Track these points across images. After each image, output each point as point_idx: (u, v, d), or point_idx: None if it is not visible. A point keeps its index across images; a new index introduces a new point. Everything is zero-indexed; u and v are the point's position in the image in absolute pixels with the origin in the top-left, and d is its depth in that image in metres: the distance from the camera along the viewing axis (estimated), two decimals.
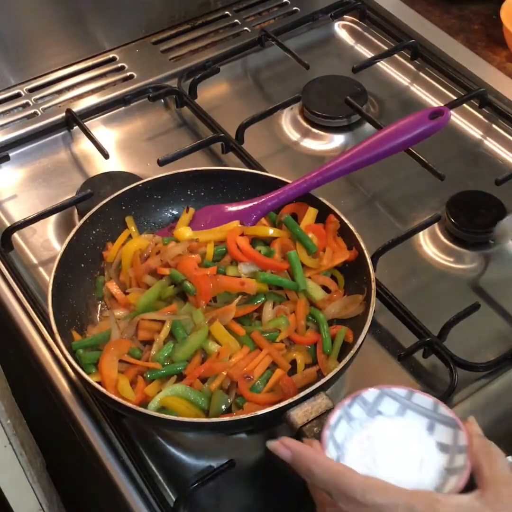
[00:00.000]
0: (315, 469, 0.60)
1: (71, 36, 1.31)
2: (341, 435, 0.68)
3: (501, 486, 0.59)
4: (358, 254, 0.90)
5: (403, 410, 0.70)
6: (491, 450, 0.63)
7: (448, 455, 0.65)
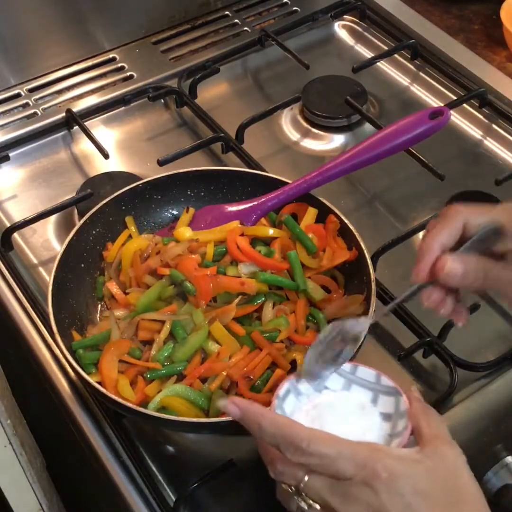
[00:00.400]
0: (263, 422, 0.61)
1: (71, 36, 1.31)
2: (289, 407, 0.70)
3: (439, 441, 0.63)
4: (358, 254, 0.90)
5: (348, 385, 0.72)
6: (429, 411, 0.66)
7: (391, 423, 0.67)
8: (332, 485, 0.60)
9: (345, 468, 0.59)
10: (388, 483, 0.58)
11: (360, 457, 0.59)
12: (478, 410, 0.88)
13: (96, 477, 0.87)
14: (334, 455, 0.59)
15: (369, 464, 0.59)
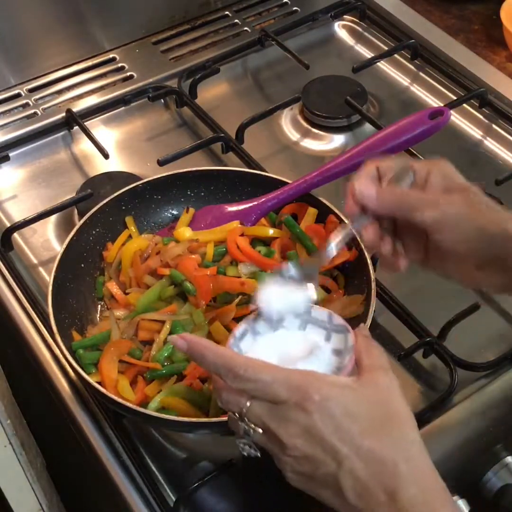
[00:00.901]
0: (206, 354, 0.65)
1: (71, 36, 1.31)
2: (246, 346, 0.73)
3: (374, 369, 0.66)
4: (358, 254, 0.90)
5: (304, 325, 0.75)
6: (372, 344, 0.69)
7: (340, 357, 0.71)
8: (270, 409, 0.63)
9: (279, 392, 0.62)
10: (320, 405, 0.61)
11: (293, 381, 0.62)
12: (478, 410, 0.88)
13: (96, 477, 0.87)
14: (268, 380, 0.62)
15: (301, 387, 0.62)
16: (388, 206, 0.73)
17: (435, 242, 0.73)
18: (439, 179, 0.73)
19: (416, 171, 0.74)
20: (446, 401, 0.88)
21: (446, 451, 0.85)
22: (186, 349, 0.67)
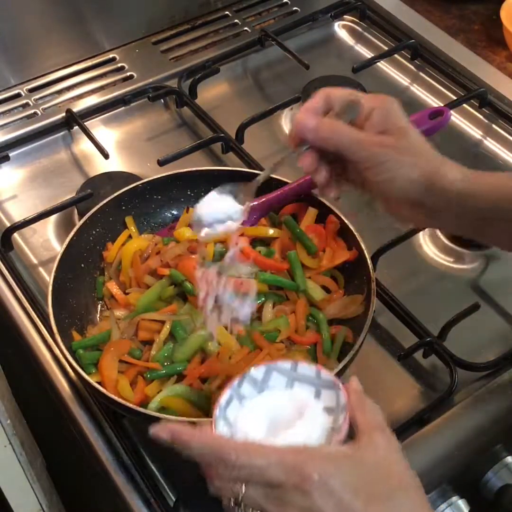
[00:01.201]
0: (192, 443, 0.62)
1: (71, 36, 1.31)
2: (233, 414, 0.70)
3: (372, 430, 0.63)
4: (358, 254, 0.90)
5: (291, 382, 0.72)
6: (364, 401, 0.66)
7: (333, 416, 0.68)
8: (267, 493, 0.60)
9: (275, 476, 0.60)
10: (318, 483, 0.59)
11: (288, 462, 0.60)
12: (478, 410, 0.88)
13: (96, 477, 0.87)
14: (263, 465, 0.60)
15: (297, 468, 0.59)
16: (324, 140, 0.73)
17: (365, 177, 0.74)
18: (379, 118, 0.73)
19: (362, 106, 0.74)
20: (446, 401, 0.88)
21: (446, 451, 0.85)
22: (169, 441, 0.64)
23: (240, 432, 0.67)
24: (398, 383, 0.92)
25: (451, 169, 0.73)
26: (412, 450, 0.84)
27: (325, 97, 0.75)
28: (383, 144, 0.72)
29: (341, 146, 0.72)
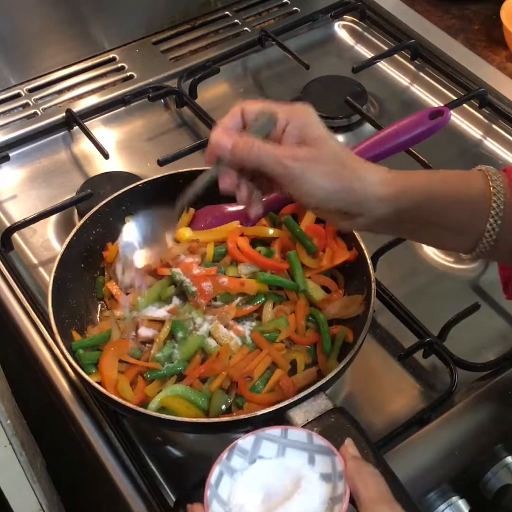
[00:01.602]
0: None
1: (71, 36, 1.31)
2: (226, 490, 0.67)
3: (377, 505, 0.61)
4: (358, 254, 0.90)
5: (283, 450, 0.69)
6: (364, 470, 0.63)
7: (331, 484, 0.65)
8: None
9: None
10: None
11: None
12: (478, 410, 0.88)
13: (96, 477, 0.87)
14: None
15: None
16: (240, 158, 0.71)
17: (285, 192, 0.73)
18: (296, 130, 0.71)
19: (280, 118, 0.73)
20: (446, 401, 0.88)
21: (446, 451, 0.85)
22: None
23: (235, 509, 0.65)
24: (398, 383, 0.92)
25: (371, 173, 0.71)
26: (412, 450, 0.84)
27: (240, 112, 0.74)
28: (297, 157, 0.70)
29: (257, 164, 0.71)
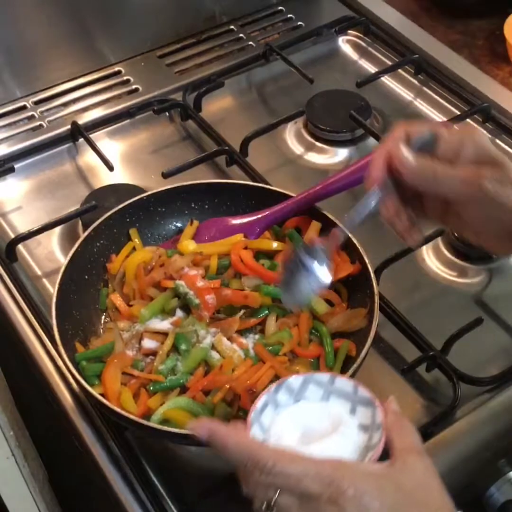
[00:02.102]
0: (228, 443, 0.63)
1: (77, 49, 1.32)
2: (267, 419, 0.70)
3: (409, 454, 0.63)
4: (361, 267, 0.91)
5: (327, 395, 0.71)
6: (402, 423, 0.66)
7: (368, 434, 0.67)
8: (301, 502, 0.60)
9: (311, 487, 0.59)
10: (355, 500, 0.58)
11: (325, 476, 0.59)
12: (481, 425, 0.88)
13: (98, 490, 0.87)
14: (299, 474, 0.60)
15: (334, 481, 0.59)
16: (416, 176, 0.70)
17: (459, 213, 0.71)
18: (471, 152, 0.70)
19: (447, 141, 0.71)
20: (449, 416, 0.88)
21: (449, 466, 0.85)
22: (206, 439, 0.64)
23: (273, 438, 0.67)
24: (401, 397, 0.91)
25: None
26: None
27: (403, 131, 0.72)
28: (482, 178, 0.68)
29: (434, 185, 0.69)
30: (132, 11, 1.34)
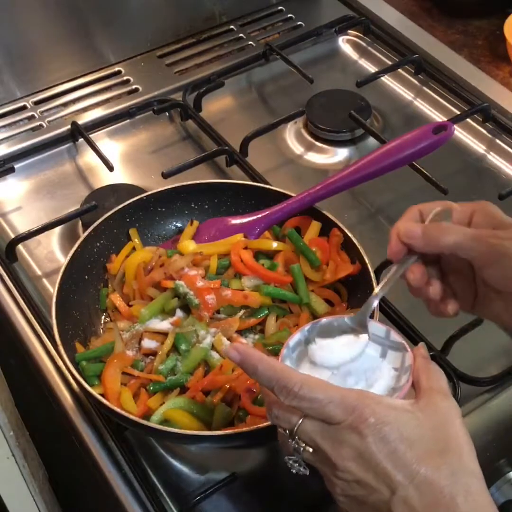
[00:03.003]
0: (259, 366, 0.64)
1: (77, 49, 1.32)
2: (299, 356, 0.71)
3: (434, 393, 0.63)
4: (361, 267, 0.91)
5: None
6: (431, 366, 0.67)
7: (396, 377, 0.68)
8: (323, 429, 0.61)
9: (334, 413, 0.60)
10: (375, 428, 0.59)
11: (349, 402, 0.61)
12: (481, 425, 0.88)
13: (98, 490, 0.87)
14: (324, 400, 0.61)
15: (357, 409, 0.60)
16: (435, 241, 0.70)
17: (482, 278, 0.71)
18: (483, 218, 0.71)
19: (459, 211, 0.72)
20: None
21: None
22: (238, 360, 0.65)
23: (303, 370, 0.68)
24: None
25: None
26: None
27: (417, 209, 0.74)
28: (499, 236, 0.68)
29: (454, 246, 0.69)
30: (132, 11, 1.34)
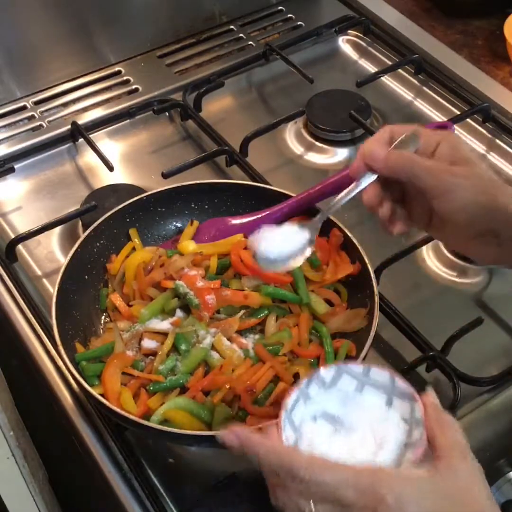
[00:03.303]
0: (260, 451, 0.61)
1: (77, 50, 1.32)
2: (298, 416, 0.68)
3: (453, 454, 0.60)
4: (361, 267, 0.91)
5: (361, 387, 0.69)
6: (444, 419, 0.63)
7: (407, 430, 0.65)
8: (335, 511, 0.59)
9: (346, 495, 0.58)
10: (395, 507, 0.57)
11: (361, 482, 0.58)
12: (481, 425, 0.88)
13: (98, 490, 0.87)
14: (333, 483, 0.58)
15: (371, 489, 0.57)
16: (394, 168, 0.73)
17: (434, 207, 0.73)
18: (447, 151, 0.73)
19: (425, 140, 0.74)
20: None
21: None
22: (238, 446, 0.63)
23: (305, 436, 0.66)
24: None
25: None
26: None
27: (389, 131, 0.76)
28: (453, 172, 0.71)
29: (410, 174, 0.72)
30: (132, 11, 1.34)
